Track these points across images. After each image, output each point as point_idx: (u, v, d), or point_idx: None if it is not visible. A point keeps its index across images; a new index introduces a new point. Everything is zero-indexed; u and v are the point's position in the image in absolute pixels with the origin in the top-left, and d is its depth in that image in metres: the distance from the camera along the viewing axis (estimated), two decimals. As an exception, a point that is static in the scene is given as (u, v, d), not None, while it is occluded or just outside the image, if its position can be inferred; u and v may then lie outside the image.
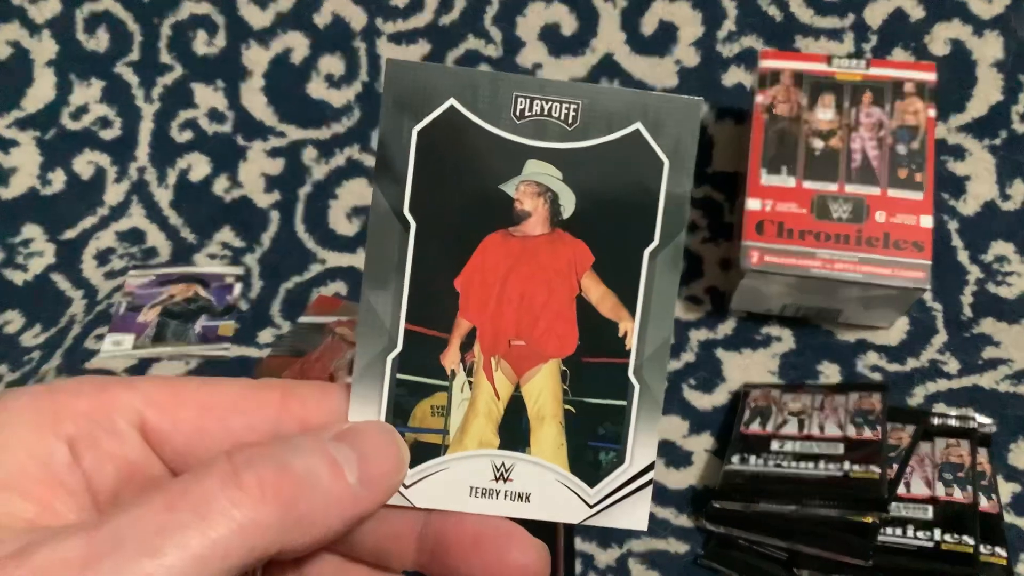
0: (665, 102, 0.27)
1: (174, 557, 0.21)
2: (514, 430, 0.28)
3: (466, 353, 0.28)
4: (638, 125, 0.27)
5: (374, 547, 0.29)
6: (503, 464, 0.28)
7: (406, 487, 0.28)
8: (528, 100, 0.27)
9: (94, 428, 0.26)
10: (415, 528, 0.28)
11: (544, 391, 0.28)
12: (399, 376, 0.28)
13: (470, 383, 0.28)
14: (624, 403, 0.28)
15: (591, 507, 0.29)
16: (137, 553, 0.21)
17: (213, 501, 0.22)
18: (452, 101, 0.27)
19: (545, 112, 0.27)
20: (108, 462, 0.26)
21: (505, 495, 0.28)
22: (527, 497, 0.28)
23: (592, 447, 0.29)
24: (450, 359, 0.28)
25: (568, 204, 0.28)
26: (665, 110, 0.27)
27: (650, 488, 0.29)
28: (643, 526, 0.29)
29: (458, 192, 0.27)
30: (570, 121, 0.27)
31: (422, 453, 0.28)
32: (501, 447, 0.28)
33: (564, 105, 0.27)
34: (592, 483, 0.29)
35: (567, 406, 0.28)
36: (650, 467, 0.29)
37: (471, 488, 0.28)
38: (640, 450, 0.29)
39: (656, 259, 0.28)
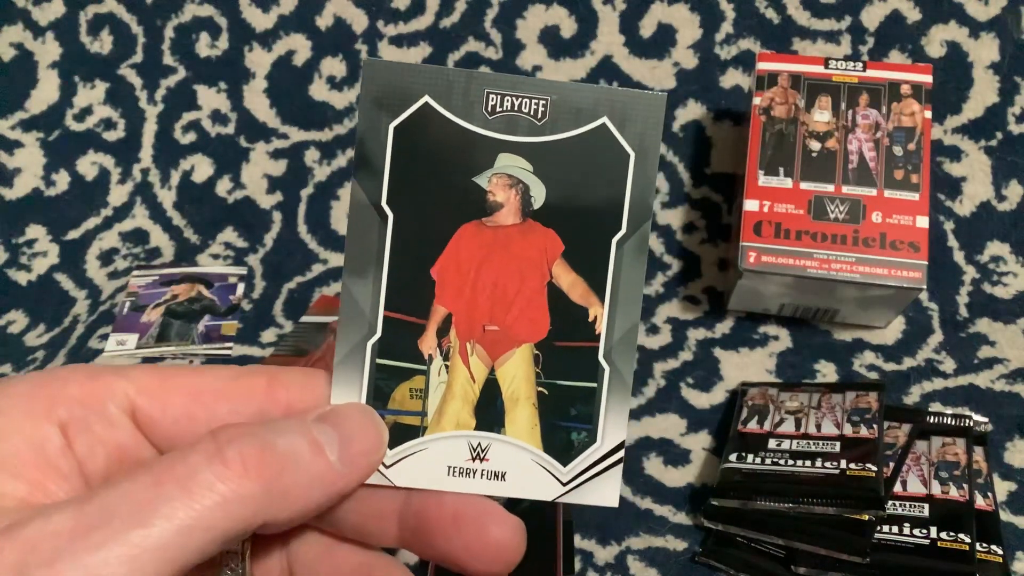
0: (630, 97, 0.28)
1: (160, 528, 0.22)
2: (489, 412, 0.29)
3: (443, 338, 0.29)
4: (604, 119, 0.28)
5: (357, 525, 0.29)
6: (479, 444, 0.29)
7: (386, 467, 0.29)
8: (499, 96, 0.28)
9: (86, 414, 0.26)
10: (396, 507, 0.29)
11: (518, 374, 0.29)
12: (379, 361, 0.29)
13: (447, 367, 0.29)
14: (595, 385, 0.29)
15: (564, 485, 0.29)
16: (125, 525, 0.22)
17: (198, 476, 0.23)
18: (427, 98, 0.28)
19: (516, 108, 0.28)
20: (100, 446, 0.27)
21: (481, 474, 0.29)
22: (503, 476, 0.29)
23: (564, 427, 0.29)
24: (427, 344, 0.29)
25: (539, 195, 0.28)
26: (631, 105, 0.28)
27: (620, 467, 0.29)
28: (614, 503, 0.30)
29: (433, 185, 0.28)
30: (539, 116, 0.28)
31: (401, 434, 0.29)
32: (477, 428, 0.29)
33: (534, 101, 0.28)
34: (565, 462, 0.29)
35: (540, 388, 0.29)
36: (620, 446, 0.29)
37: (449, 468, 0.29)
38: (611, 430, 0.29)
39: (624, 247, 0.29)
